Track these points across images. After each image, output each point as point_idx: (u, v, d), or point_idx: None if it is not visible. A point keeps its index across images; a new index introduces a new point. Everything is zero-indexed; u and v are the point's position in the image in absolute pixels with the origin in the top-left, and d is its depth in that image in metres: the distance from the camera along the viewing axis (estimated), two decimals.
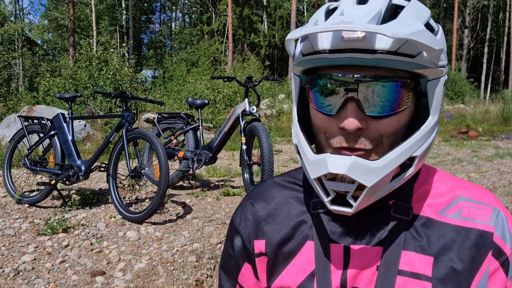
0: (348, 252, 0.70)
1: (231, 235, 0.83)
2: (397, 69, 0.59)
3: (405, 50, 0.58)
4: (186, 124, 4.20)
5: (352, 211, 0.63)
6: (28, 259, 2.55)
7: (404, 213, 0.69)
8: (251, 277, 0.80)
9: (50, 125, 3.65)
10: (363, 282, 0.68)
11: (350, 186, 0.62)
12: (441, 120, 12.95)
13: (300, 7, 31.48)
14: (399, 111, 0.62)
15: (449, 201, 0.71)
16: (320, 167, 0.63)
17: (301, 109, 0.71)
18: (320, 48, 0.61)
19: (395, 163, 0.61)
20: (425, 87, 0.63)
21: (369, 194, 0.62)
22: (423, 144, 0.64)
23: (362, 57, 0.58)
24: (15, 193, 3.63)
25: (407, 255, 0.67)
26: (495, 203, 0.71)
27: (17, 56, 18.38)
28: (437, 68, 0.61)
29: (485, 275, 0.66)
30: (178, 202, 3.75)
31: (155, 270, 2.50)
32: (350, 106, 0.61)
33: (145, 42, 32.81)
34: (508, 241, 0.67)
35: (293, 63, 0.70)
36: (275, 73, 29.95)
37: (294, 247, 0.74)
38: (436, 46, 0.58)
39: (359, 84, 0.60)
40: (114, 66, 10.27)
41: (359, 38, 0.57)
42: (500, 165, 6.12)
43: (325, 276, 0.69)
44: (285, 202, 0.79)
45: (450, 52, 25.64)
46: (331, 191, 0.64)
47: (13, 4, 23.80)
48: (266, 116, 11.12)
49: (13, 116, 7.36)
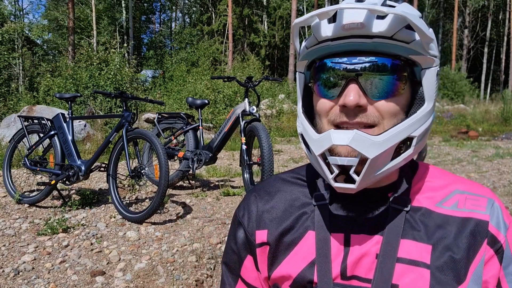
0: (348, 241, 0.72)
1: (234, 229, 0.85)
2: (393, 54, 0.65)
3: (400, 36, 0.64)
4: (186, 124, 4.19)
5: (355, 187, 0.66)
6: (28, 259, 2.55)
7: (403, 204, 0.72)
8: (253, 269, 0.81)
9: (50, 125, 3.65)
10: (362, 270, 0.70)
11: (352, 159, 0.65)
12: (441, 120, 12.95)
13: (300, 7, 31.47)
14: (397, 95, 0.66)
15: (446, 194, 0.74)
16: (324, 142, 0.66)
17: (306, 104, 0.76)
18: (323, 36, 0.66)
19: (396, 139, 0.65)
20: (419, 75, 0.68)
21: (371, 168, 0.65)
22: (421, 126, 0.68)
23: (362, 42, 0.64)
24: (15, 193, 3.63)
25: (405, 243, 0.69)
26: (490, 194, 0.74)
27: (17, 56, 18.38)
28: (428, 56, 0.66)
29: (481, 262, 0.68)
30: (178, 202, 3.75)
31: (155, 270, 2.50)
32: (351, 86, 0.65)
33: (145, 42, 32.82)
34: (502, 229, 0.70)
35: (298, 59, 0.73)
36: (275, 73, 29.94)
37: (296, 237, 0.76)
38: (427, 32, 0.63)
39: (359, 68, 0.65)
40: (115, 66, 10.27)
41: (357, 25, 0.63)
42: (500, 165, 6.12)
43: (325, 264, 0.71)
44: (288, 195, 0.81)
45: (450, 52, 25.67)
46: (335, 167, 0.67)
47: (12, 4, 23.79)
48: (266, 116, 11.11)
49: (13, 116, 7.35)
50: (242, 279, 0.83)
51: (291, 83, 17.97)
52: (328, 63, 0.67)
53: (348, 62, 0.65)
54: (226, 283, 0.86)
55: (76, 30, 21.21)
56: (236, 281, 0.84)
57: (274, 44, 30.65)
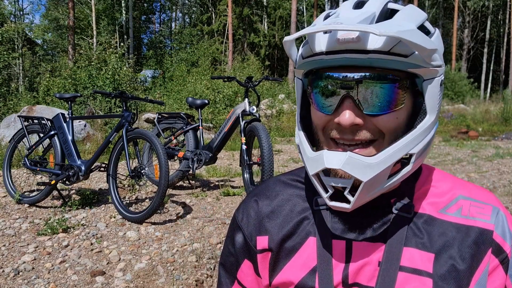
0: (350, 248, 0.71)
1: (233, 232, 0.84)
2: (391, 69, 0.61)
3: (398, 50, 0.60)
4: (186, 124, 4.19)
5: (349, 207, 0.64)
6: (28, 259, 2.55)
7: (406, 211, 0.70)
8: (250, 274, 0.81)
9: (50, 125, 3.64)
10: (364, 277, 0.69)
11: (346, 181, 0.64)
12: (441, 120, 12.94)
13: (300, 7, 31.47)
14: (395, 110, 0.63)
15: (450, 199, 0.72)
16: (318, 163, 0.65)
17: (304, 110, 0.74)
18: (317, 50, 0.63)
19: (391, 160, 0.63)
20: (421, 86, 0.64)
21: (366, 190, 0.63)
22: (420, 142, 0.65)
23: (357, 57, 0.60)
24: (15, 193, 3.63)
25: (408, 251, 0.68)
26: (495, 202, 0.72)
27: (17, 56, 18.37)
28: (431, 68, 0.63)
29: (485, 272, 0.67)
30: (178, 202, 3.75)
31: (155, 270, 2.50)
32: (346, 104, 0.63)
33: (145, 42, 32.81)
34: (508, 239, 0.68)
35: (295, 67, 0.72)
36: (275, 73, 29.94)
37: (296, 243, 0.75)
38: (428, 46, 0.60)
39: (355, 83, 0.62)
40: (113, 66, 10.26)
41: (353, 39, 0.59)
42: (500, 165, 6.12)
43: (327, 271, 0.70)
44: (288, 200, 0.80)
45: (450, 52, 25.63)
46: (329, 187, 0.66)
47: (12, 4, 23.79)
48: (266, 116, 11.11)
49: (13, 116, 7.35)
50: (239, 281, 0.83)
51: (291, 83, 17.97)
52: (323, 77, 0.65)
53: (343, 78, 0.62)
54: (223, 283, 0.85)
55: (76, 30, 21.21)
56: (232, 282, 0.84)
57: (274, 44, 30.63)
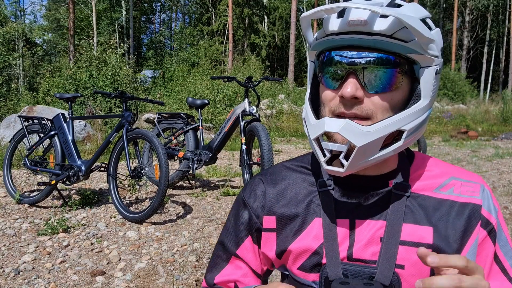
0: (354, 226, 0.77)
1: (238, 209, 0.88)
2: (392, 51, 0.68)
3: (399, 35, 0.67)
4: (186, 124, 4.20)
5: (343, 170, 0.71)
6: (28, 259, 2.55)
7: (403, 189, 0.77)
8: (253, 250, 0.85)
9: (50, 125, 3.65)
10: (368, 253, 0.74)
11: (342, 146, 0.70)
12: (441, 120, 12.94)
13: (300, 7, 31.47)
14: (392, 90, 0.70)
15: (443, 180, 0.80)
16: (319, 128, 0.72)
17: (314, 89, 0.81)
18: (330, 30, 0.71)
19: (385, 131, 0.69)
20: (418, 73, 0.71)
21: (359, 155, 0.69)
22: (413, 121, 0.71)
23: (363, 38, 0.68)
24: (15, 193, 3.63)
25: (408, 227, 0.75)
26: (482, 181, 0.81)
27: (17, 56, 18.37)
28: (427, 56, 0.70)
29: (475, 242, 0.75)
30: (178, 202, 3.75)
31: (155, 270, 2.50)
32: (350, 79, 0.70)
33: (145, 42, 32.81)
34: (493, 212, 0.77)
35: (310, 49, 0.79)
36: (275, 74, 29.92)
37: (303, 224, 0.80)
38: (425, 33, 0.66)
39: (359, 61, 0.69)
40: (113, 66, 10.26)
41: (361, 22, 0.67)
42: (500, 165, 6.13)
43: (333, 248, 0.75)
44: (294, 183, 0.85)
45: (450, 52, 25.62)
46: (327, 151, 0.72)
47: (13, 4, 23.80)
48: (266, 116, 11.11)
49: (13, 116, 7.35)
50: (239, 257, 0.85)
51: (291, 83, 17.97)
52: (332, 55, 0.72)
53: (349, 56, 0.70)
54: (219, 261, 0.88)
55: (76, 31, 21.21)
56: (228, 260, 0.87)
57: (274, 45, 30.64)
